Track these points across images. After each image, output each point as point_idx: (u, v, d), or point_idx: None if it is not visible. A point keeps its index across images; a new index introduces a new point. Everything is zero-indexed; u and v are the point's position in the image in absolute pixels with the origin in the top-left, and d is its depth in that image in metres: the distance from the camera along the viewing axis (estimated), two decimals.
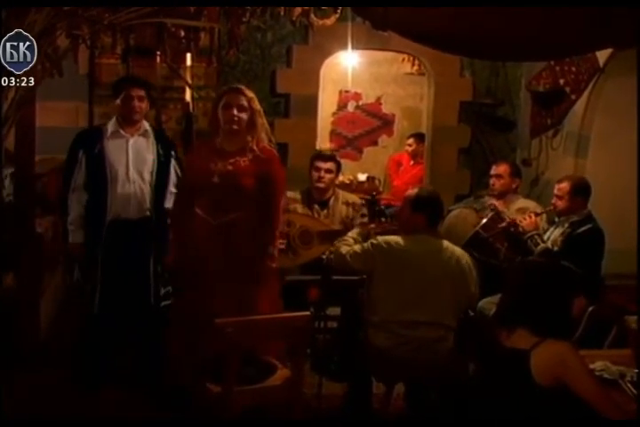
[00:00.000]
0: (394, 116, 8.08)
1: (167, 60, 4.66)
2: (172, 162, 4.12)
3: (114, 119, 4.07)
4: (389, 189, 7.29)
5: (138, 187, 3.99)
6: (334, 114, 7.93)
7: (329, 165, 4.67)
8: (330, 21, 4.27)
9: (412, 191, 3.74)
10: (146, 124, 4.10)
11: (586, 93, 5.13)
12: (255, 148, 3.74)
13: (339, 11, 4.09)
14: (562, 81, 5.34)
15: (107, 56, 5.17)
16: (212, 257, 3.75)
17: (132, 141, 4.02)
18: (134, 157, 3.99)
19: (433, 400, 3.70)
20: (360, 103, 8.00)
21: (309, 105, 5.84)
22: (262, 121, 3.78)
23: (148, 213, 4.02)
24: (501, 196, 4.82)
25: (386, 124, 8.08)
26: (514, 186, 4.86)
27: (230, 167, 3.71)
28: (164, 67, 5.07)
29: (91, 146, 3.99)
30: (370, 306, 3.58)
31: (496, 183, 4.84)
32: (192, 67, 5.21)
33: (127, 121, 4.03)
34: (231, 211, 3.74)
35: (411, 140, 6.99)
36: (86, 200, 4.00)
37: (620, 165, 4.87)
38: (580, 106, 5.20)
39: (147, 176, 4.00)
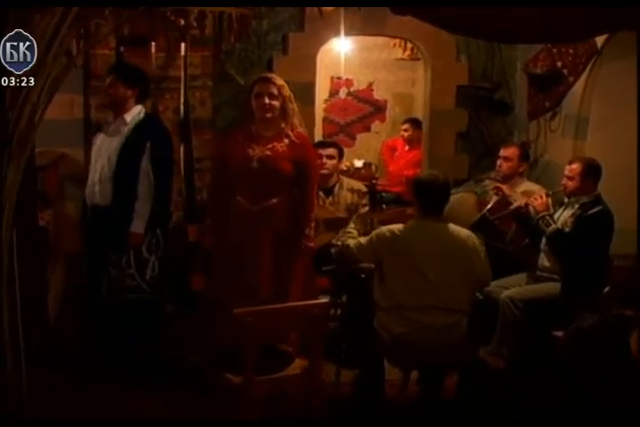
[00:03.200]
0: (385, 101, 8.05)
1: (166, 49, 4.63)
2: (146, 151, 3.93)
3: None
4: (384, 175, 7.28)
5: (102, 173, 4.01)
6: (326, 101, 7.89)
7: (330, 151, 4.70)
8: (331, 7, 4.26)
9: (413, 176, 3.78)
10: (129, 112, 4.03)
11: (584, 76, 5.13)
12: (290, 133, 3.84)
13: None
14: (559, 63, 5.34)
15: (101, 47, 5.11)
16: (250, 242, 3.80)
17: (110, 128, 4.08)
18: (107, 145, 4.03)
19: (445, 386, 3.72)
20: (352, 90, 7.97)
21: (307, 92, 5.78)
22: (293, 106, 3.87)
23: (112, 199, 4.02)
24: (507, 178, 4.77)
25: (378, 109, 8.05)
26: (520, 170, 4.81)
27: (269, 152, 3.80)
28: (159, 56, 5.02)
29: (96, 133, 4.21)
30: (381, 295, 3.57)
31: (503, 165, 4.79)
32: (185, 56, 5.14)
33: (109, 108, 4.16)
34: (269, 196, 3.82)
35: (406, 126, 6.96)
36: None
37: (619, 146, 4.87)
38: (578, 88, 5.20)
39: (112, 163, 3.98)
